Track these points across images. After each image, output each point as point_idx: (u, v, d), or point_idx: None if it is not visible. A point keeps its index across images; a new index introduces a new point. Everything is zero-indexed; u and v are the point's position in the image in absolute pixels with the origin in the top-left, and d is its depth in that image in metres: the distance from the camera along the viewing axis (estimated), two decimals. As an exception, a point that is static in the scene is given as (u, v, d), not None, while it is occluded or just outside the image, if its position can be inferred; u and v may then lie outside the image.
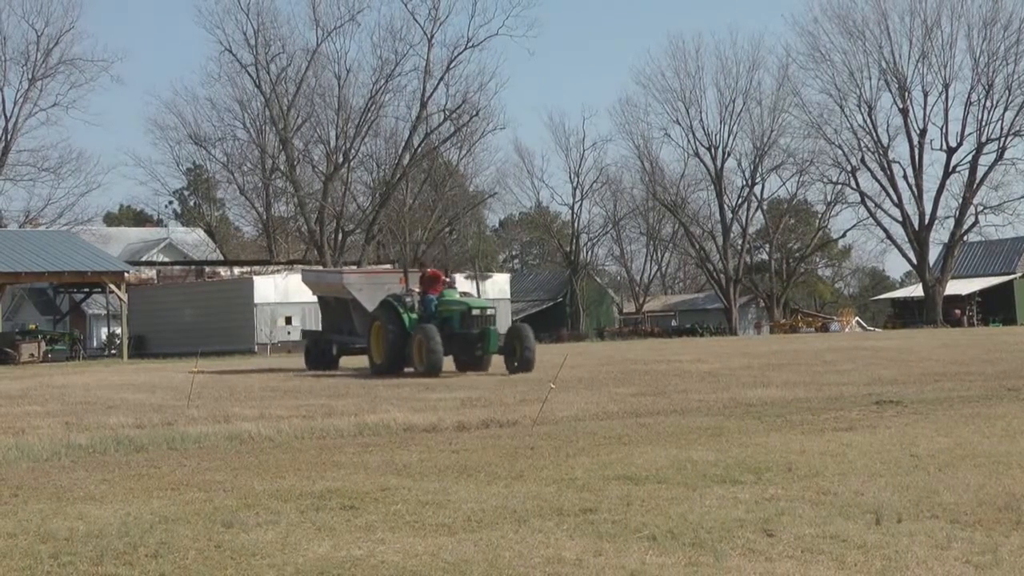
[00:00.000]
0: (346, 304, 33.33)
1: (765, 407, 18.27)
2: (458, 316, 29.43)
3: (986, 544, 8.00)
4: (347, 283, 33.74)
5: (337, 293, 33.97)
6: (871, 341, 46.46)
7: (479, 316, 29.50)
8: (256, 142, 77.25)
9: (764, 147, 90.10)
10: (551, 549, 8.08)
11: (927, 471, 11.14)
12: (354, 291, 33.15)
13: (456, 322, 29.30)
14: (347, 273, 35.65)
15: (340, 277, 34.62)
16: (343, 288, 33.55)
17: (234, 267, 73.00)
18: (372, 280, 34.50)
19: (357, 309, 32.84)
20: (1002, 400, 18.30)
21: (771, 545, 8.10)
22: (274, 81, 74.15)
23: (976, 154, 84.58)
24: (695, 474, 11.22)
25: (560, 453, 13.08)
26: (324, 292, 35.17)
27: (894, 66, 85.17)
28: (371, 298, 32.13)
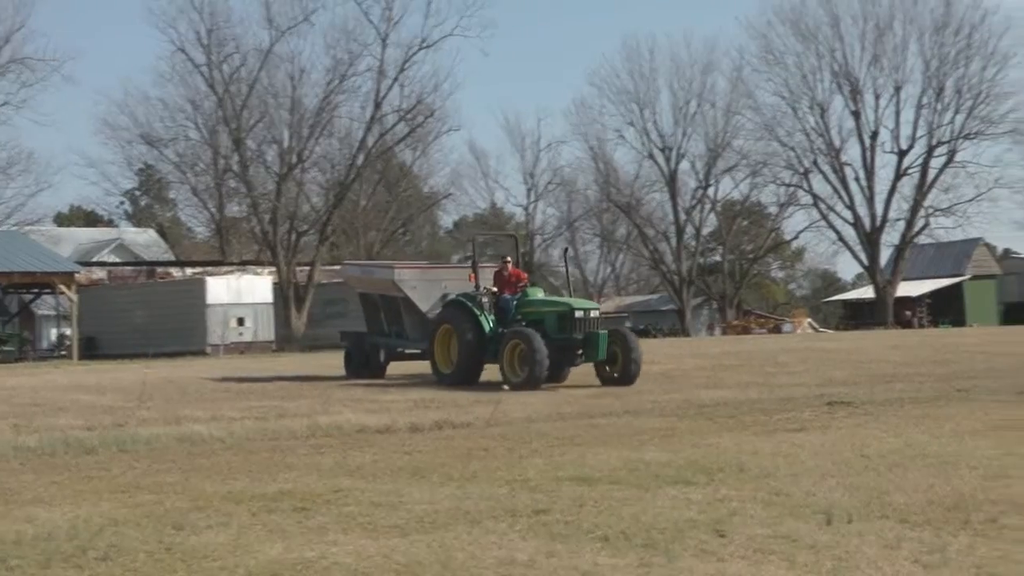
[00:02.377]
0: (396, 303, 29.87)
1: (718, 408, 18.34)
2: (555, 319, 25.47)
3: (935, 544, 8.05)
4: (399, 280, 29.85)
5: (386, 290, 30.21)
6: (823, 342, 46.71)
7: (583, 319, 25.40)
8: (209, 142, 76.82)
9: (718, 149, 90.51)
10: (504, 550, 8.07)
11: (877, 471, 11.20)
12: (406, 289, 29.61)
13: (553, 326, 25.30)
14: (399, 268, 31.79)
15: (391, 272, 30.66)
16: (394, 285, 29.74)
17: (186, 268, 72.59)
18: (426, 276, 30.86)
19: (409, 309, 29.58)
20: (951, 401, 18.45)
21: (723, 545, 8.12)
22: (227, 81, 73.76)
23: (927, 157, 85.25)
24: (648, 475, 11.24)
25: (513, 454, 13.09)
26: (369, 289, 31.33)
27: (846, 69, 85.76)
28: (425, 296, 29.31)
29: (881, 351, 36.73)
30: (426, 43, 74.74)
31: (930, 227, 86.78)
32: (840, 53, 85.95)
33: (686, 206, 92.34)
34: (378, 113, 75.38)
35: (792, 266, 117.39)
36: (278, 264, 68.98)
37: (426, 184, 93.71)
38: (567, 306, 25.68)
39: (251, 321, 58.83)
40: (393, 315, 30.04)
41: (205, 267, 70.54)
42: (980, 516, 8.93)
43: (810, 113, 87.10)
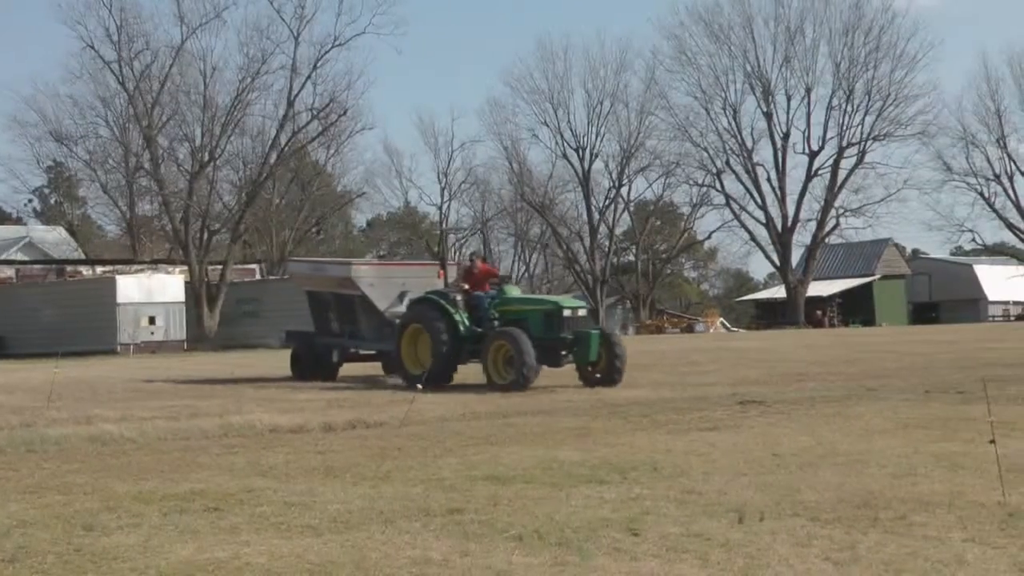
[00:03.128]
0: (351, 301, 28.48)
1: (631, 407, 18.41)
2: (540, 318, 24.00)
3: (845, 541, 8.14)
4: (356, 277, 28.45)
5: (340, 288, 28.72)
6: (735, 342, 47.10)
7: (571, 318, 24.09)
8: (119, 140, 75.98)
9: (631, 149, 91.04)
10: (418, 550, 8.06)
11: (789, 470, 11.30)
12: (364, 286, 28.23)
13: (538, 325, 23.79)
14: (356, 265, 30.53)
15: (348, 269, 29.29)
16: (350, 282, 28.33)
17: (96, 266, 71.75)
18: (384, 274, 29.67)
19: (365, 307, 28.23)
20: (861, 400, 18.65)
21: (636, 544, 8.15)
22: (138, 78, 72.92)
23: (837, 158, 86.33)
24: (562, 474, 11.27)
25: (427, 454, 13.06)
26: (320, 287, 29.72)
27: (758, 70, 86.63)
28: (383, 295, 28.09)
29: (792, 350, 37.10)
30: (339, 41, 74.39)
31: (840, 227, 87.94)
32: (752, 54, 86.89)
33: (599, 206, 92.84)
34: (291, 111, 74.94)
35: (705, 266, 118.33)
36: (190, 263, 68.33)
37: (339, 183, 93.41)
38: (554, 304, 24.48)
39: (162, 320, 58.29)
40: (347, 314, 28.76)
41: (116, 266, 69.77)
42: (889, 514, 9.03)
43: (723, 114, 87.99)
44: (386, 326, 27.29)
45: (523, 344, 22.79)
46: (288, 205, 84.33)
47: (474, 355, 24.31)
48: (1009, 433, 13.24)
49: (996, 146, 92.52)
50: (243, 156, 78.21)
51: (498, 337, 23.51)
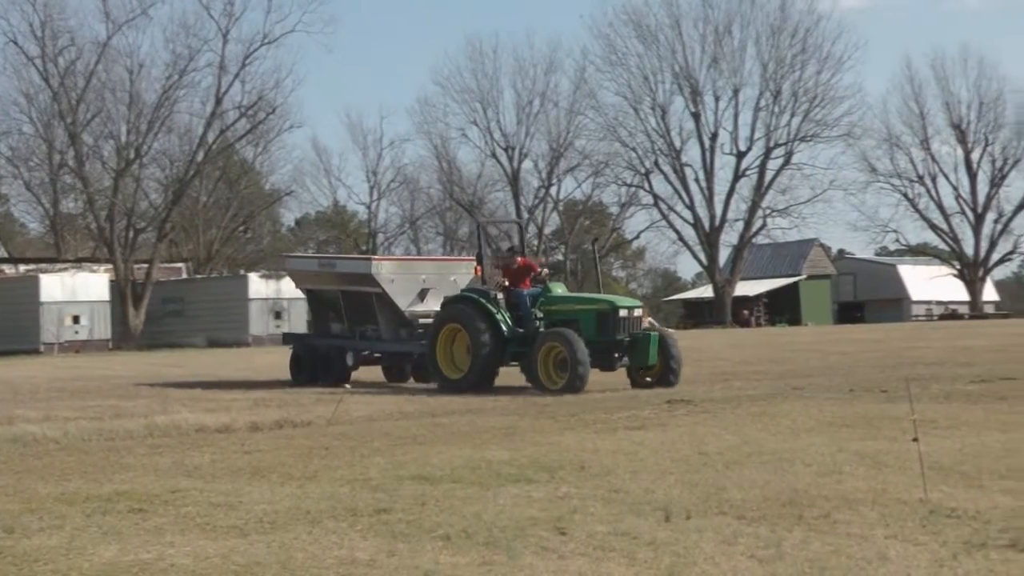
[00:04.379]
0: (367, 299, 26.43)
1: (559, 406, 18.43)
2: (593, 318, 22.67)
3: (770, 539, 8.20)
4: (376, 273, 26.32)
5: (355, 285, 26.70)
6: (663, 341, 47.24)
7: (627, 319, 22.78)
8: (43, 136, 75.08)
9: (560, 148, 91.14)
10: (345, 550, 8.03)
11: (715, 468, 11.37)
12: (384, 283, 26.13)
13: (590, 326, 22.45)
14: (376, 260, 28.27)
15: (368, 265, 27.12)
16: (369, 279, 26.20)
17: (19, 265, 70.83)
18: (406, 270, 27.77)
19: (384, 306, 26.23)
20: (787, 399, 18.78)
21: (564, 543, 8.17)
22: (62, 74, 72.08)
23: (764, 159, 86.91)
24: (489, 473, 11.27)
25: (355, 453, 13.01)
26: (327, 284, 27.64)
27: (687, 71, 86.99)
28: (403, 292, 26.26)
29: (719, 349, 37.34)
30: (268, 39, 73.92)
31: (767, 228, 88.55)
32: (681, 55, 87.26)
33: (529, 205, 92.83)
34: (219, 109, 74.40)
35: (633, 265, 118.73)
36: (115, 261, 67.63)
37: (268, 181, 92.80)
38: (609, 304, 23.04)
39: (87, 319, 57.67)
40: (361, 314, 26.71)
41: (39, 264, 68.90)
42: (814, 512, 9.11)
43: (651, 114, 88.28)
44: (405, 326, 26.09)
45: (577, 345, 21.54)
46: (215, 203, 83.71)
47: (516, 358, 23.04)
48: (931, 431, 13.39)
49: (920, 148, 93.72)
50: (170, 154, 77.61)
51: (549, 338, 22.16)
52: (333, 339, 27.18)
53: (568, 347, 21.56)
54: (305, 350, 27.49)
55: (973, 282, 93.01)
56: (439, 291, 25.97)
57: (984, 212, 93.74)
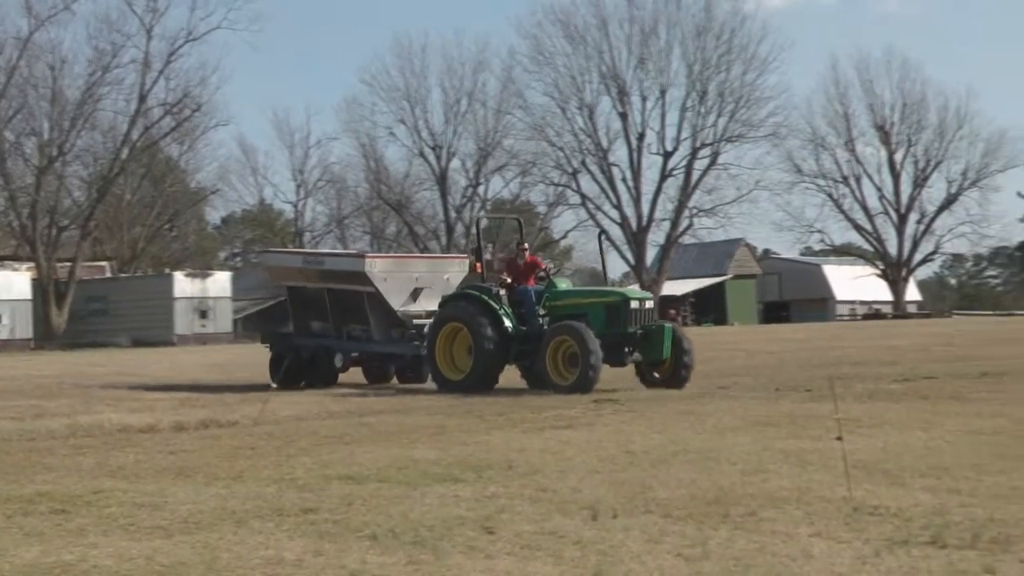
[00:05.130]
0: (358, 298, 25.34)
1: (487, 406, 18.44)
2: (603, 311, 21.81)
3: (696, 537, 8.24)
4: (370, 271, 25.23)
5: (345, 283, 25.65)
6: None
7: (638, 311, 21.90)
8: (-36, 133, 74.10)
9: (488, 148, 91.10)
10: (271, 550, 7.98)
11: (642, 467, 11.41)
12: (377, 281, 25.06)
13: (600, 320, 21.62)
14: (370, 257, 27.24)
15: (361, 262, 25.97)
16: (363, 277, 25.16)
17: (-61, 263, 69.91)
18: (399, 268, 26.70)
19: (376, 305, 25.17)
20: (713, 398, 18.89)
21: (491, 542, 8.17)
22: (-17, 70, 71.22)
23: (691, 159, 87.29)
24: (416, 473, 11.25)
25: (281, 453, 12.96)
26: (311, 282, 26.36)
27: (614, 71, 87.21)
28: (396, 290, 25.21)
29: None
30: (192, 36, 73.37)
31: (694, 227, 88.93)
32: (608, 55, 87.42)
33: (456, 204, 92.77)
34: (143, 106, 73.78)
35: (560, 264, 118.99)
36: (37, 260, 66.87)
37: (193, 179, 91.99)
38: (620, 296, 22.25)
39: (8, 318, 57.01)
40: (350, 313, 25.69)
41: (-40, 262, 68.03)
42: (739, 510, 9.17)
43: (579, 114, 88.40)
44: (396, 327, 25.19)
45: (588, 339, 20.74)
46: (140, 202, 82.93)
47: (521, 356, 22.29)
48: (855, 430, 13.52)
49: (844, 149, 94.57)
50: (93, 151, 76.79)
51: (559, 331, 21.32)
52: (320, 339, 26.06)
53: (579, 340, 20.82)
54: (287, 351, 26.18)
55: (896, 282, 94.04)
56: (432, 290, 25.26)
57: (907, 213, 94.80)
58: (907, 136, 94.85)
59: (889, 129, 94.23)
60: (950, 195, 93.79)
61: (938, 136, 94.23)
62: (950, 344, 36.83)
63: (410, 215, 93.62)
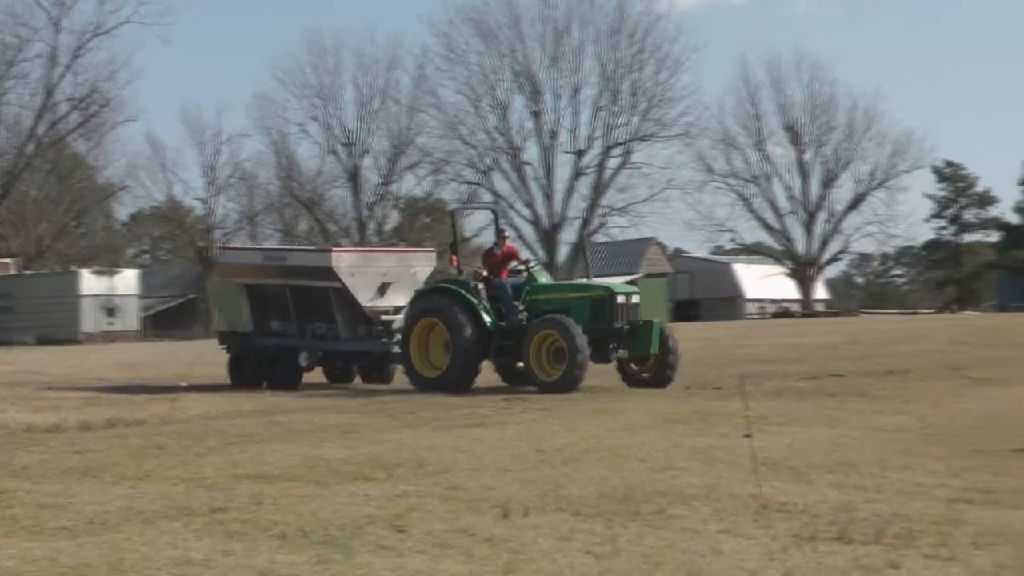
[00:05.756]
0: (324, 295, 24.12)
1: (398, 404, 18.41)
2: (588, 306, 20.84)
3: (606, 535, 8.27)
4: (337, 265, 23.90)
5: (310, 280, 24.36)
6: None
7: (625, 305, 21.02)
8: None
9: (401, 146, 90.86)
10: (178, 550, 7.91)
11: (552, 465, 11.44)
12: (344, 277, 23.79)
13: (584, 315, 20.58)
14: (336, 251, 26.08)
15: (327, 257, 24.72)
16: (329, 272, 23.81)
17: None
18: (367, 262, 25.19)
19: (343, 301, 23.99)
20: (623, 396, 18.99)
21: (401, 541, 8.15)
22: None
23: (603, 157, 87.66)
24: (327, 471, 11.20)
25: (190, 452, 12.85)
26: (272, 278, 25.02)
27: (527, 69, 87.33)
28: (364, 286, 24.00)
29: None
30: (101, 30, 72.60)
31: (606, 226, 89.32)
32: (521, 54, 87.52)
33: (369, 202, 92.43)
34: (50, 101, 72.86)
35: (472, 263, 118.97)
36: (-61, 257, 65.90)
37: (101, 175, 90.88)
38: (606, 290, 21.27)
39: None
40: (315, 310, 24.43)
41: None
42: (649, 507, 9.22)
43: (492, 112, 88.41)
44: (364, 324, 24.10)
45: (574, 333, 19.84)
46: (46, 198, 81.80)
47: (501, 353, 21.33)
48: (763, 427, 13.64)
49: (755, 149, 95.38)
50: (-2, 147, 75.72)
51: (543, 326, 20.36)
52: (282, 339, 24.91)
53: (565, 335, 19.92)
54: (247, 352, 25.12)
55: (805, 281, 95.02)
56: (400, 285, 24.33)
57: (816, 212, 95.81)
58: (816, 136, 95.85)
59: (799, 129, 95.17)
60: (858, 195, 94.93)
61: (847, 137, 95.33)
62: (857, 342, 37.28)
63: (322, 212, 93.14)
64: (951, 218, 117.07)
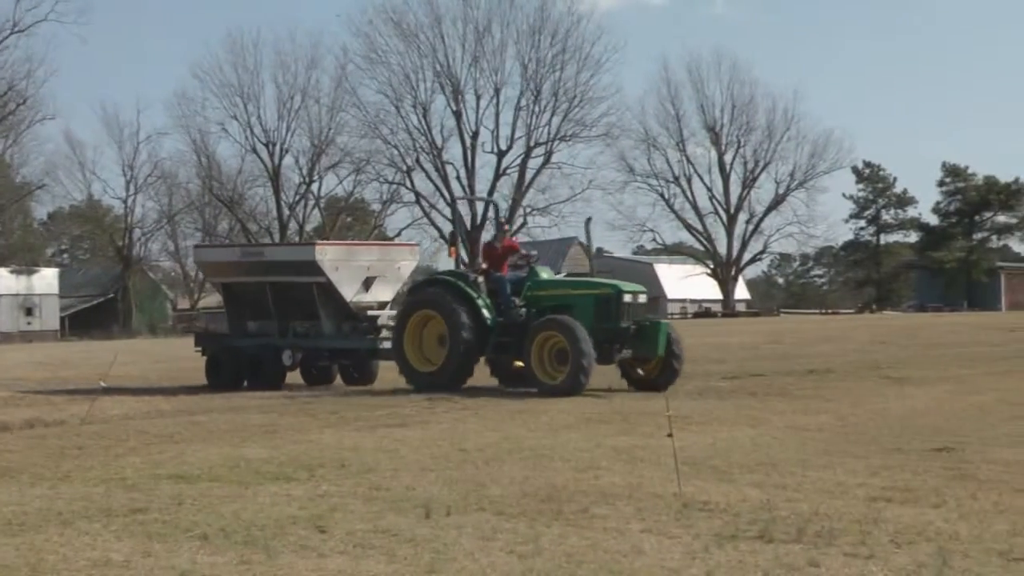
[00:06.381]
0: (307, 291, 23.35)
1: (320, 404, 18.33)
2: (592, 304, 19.84)
3: (528, 534, 8.29)
4: (321, 259, 23.15)
5: (292, 275, 23.50)
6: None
7: (632, 304, 20.05)
8: None
9: (322, 145, 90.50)
10: (98, 551, 7.83)
11: (475, 465, 11.45)
12: (328, 272, 23.07)
13: (588, 314, 19.62)
14: (320, 245, 25.01)
15: (311, 251, 23.84)
16: (313, 267, 23.11)
17: None
18: (350, 255, 24.40)
19: (328, 297, 23.29)
20: (546, 396, 19.00)
21: (323, 541, 8.12)
22: None
23: (525, 157, 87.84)
24: (248, 472, 11.13)
25: (109, 453, 12.72)
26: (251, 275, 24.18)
27: (448, 69, 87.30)
28: (349, 280, 23.34)
29: (480, 347, 37.49)
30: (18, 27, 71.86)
31: (528, 226, 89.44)
32: (442, 54, 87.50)
33: (289, 201, 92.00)
34: (-35, 99, 71.89)
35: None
36: None
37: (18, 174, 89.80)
38: (613, 288, 20.11)
39: None
40: (298, 307, 23.64)
41: None
42: (572, 507, 9.25)
43: (413, 112, 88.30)
44: (349, 320, 23.53)
45: (580, 334, 18.84)
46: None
47: (499, 350, 20.46)
48: (685, 427, 13.73)
49: (676, 149, 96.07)
50: (-88, 144, 74.67)
51: (546, 326, 19.38)
52: (262, 338, 24.08)
53: (569, 336, 18.92)
54: (224, 353, 24.30)
55: (725, 281, 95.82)
56: (384, 280, 23.93)
57: (736, 213, 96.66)
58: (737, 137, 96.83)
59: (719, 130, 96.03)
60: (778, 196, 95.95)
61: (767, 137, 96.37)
62: (778, 342, 37.63)
63: (243, 212, 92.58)
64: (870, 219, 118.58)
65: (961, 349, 32.04)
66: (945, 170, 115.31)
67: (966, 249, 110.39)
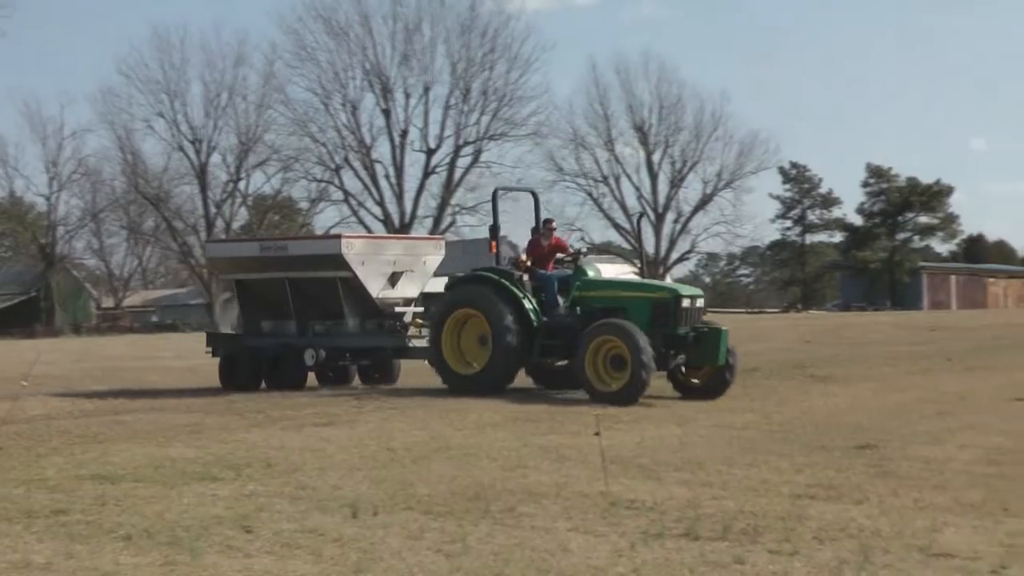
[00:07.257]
0: (331, 287, 22.11)
1: (246, 403, 18.21)
2: (648, 308, 18.67)
3: (456, 533, 8.29)
4: (347, 252, 21.90)
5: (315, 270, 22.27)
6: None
7: (689, 309, 18.82)
8: None
9: (249, 143, 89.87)
10: (19, 554, 7.74)
11: (403, 464, 11.43)
12: (355, 266, 21.82)
13: (645, 318, 18.40)
14: (347, 237, 23.54)
15: (337, 244, 22.41)
16: (339, 261, 21.84)
17: None
18: (376, 249, 23.09)
19: (353, 293, 22.13)
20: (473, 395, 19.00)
21: (249, 541, 8.08)
22: None
23: (454, 156, 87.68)
24: (173, 472, 11.05)
25: (31, 453, 12.57)
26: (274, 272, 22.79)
27: (377, 67, 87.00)
28: (375, 275, 22.15)
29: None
30: (-61, 21, 70.61)
31: (456, 225, 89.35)
32: (371, 52, 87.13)
33: (216, 199, 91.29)
34: None
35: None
36: None
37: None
38: (671, 292, 19.07)
39: None
40: (320, 303, 22.40)
41: None
42: (499, 505, 9.26)
43: (342, 110, 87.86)
44: (374, 317, 22.44)
45: (640, 341, 17.62)
46: None
47: (547, 353, 19.32)
48: (613, 426, 13.79)
49: (604, 149, 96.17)
50: None
51: (603, 331, 18.13)
52: (282, 337, 22.82)
53: (630, 343, 17.67)
54: (240, 353, 22.86)
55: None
56: (411, 275, 22.82)
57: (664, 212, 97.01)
58: (664, 137, 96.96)
59: (647, 130, 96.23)
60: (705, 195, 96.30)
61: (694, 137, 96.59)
62: (704, 341, 37.80)
63: (168, 210, 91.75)
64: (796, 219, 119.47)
65: (884, 348, 32.39)
66: (869, 171, 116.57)
67: (889, 249, 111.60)
